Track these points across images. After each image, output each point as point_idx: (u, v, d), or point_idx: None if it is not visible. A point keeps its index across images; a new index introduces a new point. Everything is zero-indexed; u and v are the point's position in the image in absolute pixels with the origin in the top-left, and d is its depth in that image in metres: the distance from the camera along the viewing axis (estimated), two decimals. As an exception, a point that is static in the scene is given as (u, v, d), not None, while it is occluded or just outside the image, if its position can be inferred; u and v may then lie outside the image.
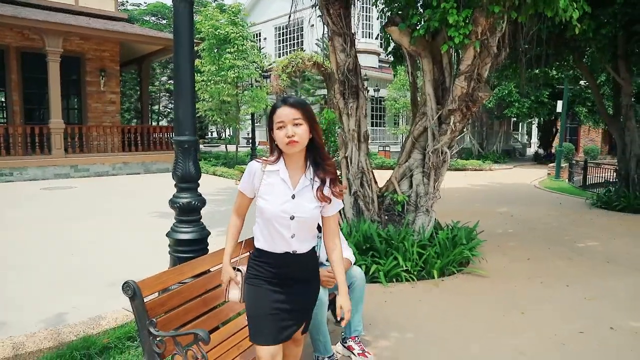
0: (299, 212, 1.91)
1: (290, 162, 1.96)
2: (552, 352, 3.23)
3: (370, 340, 3.35)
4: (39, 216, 7.48)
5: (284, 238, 1.94)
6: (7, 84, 14.24)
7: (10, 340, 2.87)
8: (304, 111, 1.89)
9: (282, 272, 1.99)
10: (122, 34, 14.32)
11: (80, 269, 4.70)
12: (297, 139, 1.86)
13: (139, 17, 33.45)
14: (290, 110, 1.87)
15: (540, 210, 9.38)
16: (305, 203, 1.93)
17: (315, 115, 1.95)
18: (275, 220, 1.92)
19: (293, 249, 1.97)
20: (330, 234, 2.07)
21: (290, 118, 1.86)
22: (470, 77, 4.67)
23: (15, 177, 12.48)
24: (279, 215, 1.91)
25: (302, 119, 1.87)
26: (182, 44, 3.07)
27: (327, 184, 1.96)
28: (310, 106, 1.96)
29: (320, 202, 1.95)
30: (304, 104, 1.92)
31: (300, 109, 1.88)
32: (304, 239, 1.99)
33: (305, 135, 1.88)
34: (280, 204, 1.91)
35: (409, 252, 4.79)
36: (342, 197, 2.04)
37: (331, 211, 2.04)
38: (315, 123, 1.93)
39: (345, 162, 5.41)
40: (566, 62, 10.57)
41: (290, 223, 1.92)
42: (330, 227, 2.07)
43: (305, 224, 1.95)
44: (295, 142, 1.86)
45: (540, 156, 26.51)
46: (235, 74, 14.98)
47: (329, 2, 5.16)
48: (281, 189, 1.93)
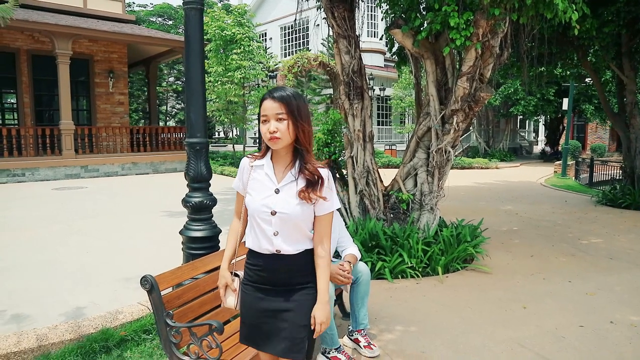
0: (280, 207, 1.79)
1: (276, 157, 1.86)
2: (552, 344, 3.34)
3: (375, 334, 3.47)
4: (53, 215, 7.67)
5: (267, 235, 1.83)
6: (18, 86, 14.51)
7: (34, 332, 3.03)
8: (289, 106, 1.75)
9: (270, 276, 1.87)
10: (130, 36, 14.52)
11: (96, 266, 4.86)
12: (278, 135, 1.74)
13: (145, 18, 33.75)
14: (274, 104, 1.75)
15: (545, 208, 9.45)
16: (289, 198, 1.80)
17: (304, 112, 1.80)
18: (257, 216, 1.83)
19: (277, 249, 1.83)
20: (317, 237, 1.88)
21: (274, 112, 1.75)
22: (472, 78, 4.78)
23: (27, 178, 12.71)
24: (260, 209, 1.82)
25: (285, 114, 1.74)
26: (193, 51, 3.21)
27: (309, 185, 1.82)
28: (300, 101, 1.80)
29: (303, 200, 1.80)
30: (289, 98, 1.76)
31: (284, 103, 1.75)
32: (290, 238, 1.83)
33: (287, 132, 1.75)
34: (262, 198, 1.82)
35: (414, 249, 4.91)
36: (324, 198, 1.83)
37: (320, 211, 1.86)
38: (301, 121, 1.78)
39: (351, 162, 5.53)
40: (570, 60, 10.62)
41: (272, 219, 1.81)
42: (318, 229, 1.87)
43: (289, 220, 1.80)
44: (277, 139, 1.75)
45: (546, 154, 26.47)
46: (242, 75, 15.14)
47: (334, 5, 5.28)
48: (265, 183, 1.84)
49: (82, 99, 16.22)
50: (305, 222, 1.84)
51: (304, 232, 1.86)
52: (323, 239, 1.87)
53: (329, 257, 1.87)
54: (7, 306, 3.58)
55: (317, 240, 1.87)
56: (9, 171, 12.44)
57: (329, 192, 1.85)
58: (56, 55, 12.92)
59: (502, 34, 4.88)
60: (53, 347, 2.99)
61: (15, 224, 6.99)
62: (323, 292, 1.85)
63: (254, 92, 16.13)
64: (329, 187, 1.85)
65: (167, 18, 35.66)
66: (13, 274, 4.54)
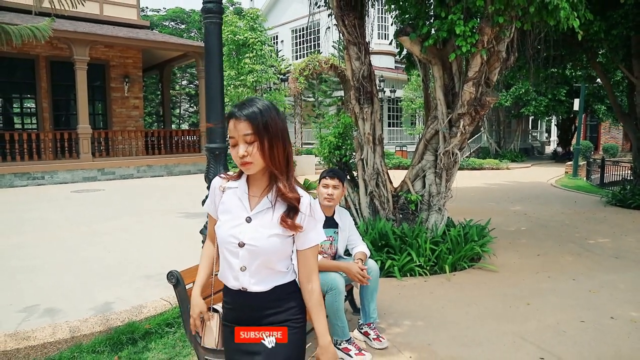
0: (249, 239, 1.54)
1: (252, 179, 1.61)
2: (553, 338, 3.50)
3: (384, 328, 3.66)
4: (74, 217, 7.97)
5: (233, 269, 1.58)
6: (38, 91, 14.93)
7: (67, 324, 3.28)
8: (257, 124, 1.48)
9: (238, 315, 1.64)
10: (145, 42, 14.88)
11: (118, 264, 5.11)
12: (249, 159, 1.49)
13: (158, 22, 34.28)
14: (240, 124, 1.48)
15: (554, 209, 9.55)
16: (262, 229, 1.54)
17: (278, 127, 1.52)
18: (224, 246, 1.59)
19: (243, 286, 1.58)
20: (303, 275, 1.63)
21: (241, 134, 1.49)
22: (478, 83, 4.95)
23: (47, 180, 13.08)
24: (227, 240, 1.57)
25: (253, 135, 1.48)
26: (212, 61, 3.43)
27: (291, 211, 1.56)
28: (271, 115, 1.51)
29: (286, 228, 1.55)
30: (257, 115, 1.48)
31: (251, 122, 1.47)
32: (259, 275, 1.57)
33: (260, 155, 1.49)
34: (231, 227, 1.57)
35: (422, 249, 5.08)
36: (299, 228, 1.57)
37: (302, 244, 1.61)
38: (275, 139, 1.51)
39: (361, 164, 5.73)
40: (580, 61, 10.71)
41: (239, 251, 1.55)
42: (303, 264, 1.63)
43: (259, 254, 1.54)
44: (249, 164, 1.50)
45: (558, 154, 26.41)
46: (254, 78, 15.42)
47: (344, 13, 5.48)
48: (236, 210, 1.59)
49: (98, 103, 16.61)
50: (279, 257, 1.59)
51: (276, 268, 1.60)
52: (311, 276, 1.62)
53: (319, 294, 1.63)
54: (41, 301, 3.84)
55: (303, 279, 1.63)
56: (29, 174, 12.82)
57: (312, 221, 1.59)
58: (74, 61, 13.30)
59: (508, 40, 5.05)
60: (84, 339, 3.23)
61: (40, 224, 7.30)
62: (322, 335, 1.62)
63: (266, 95, 16.40)
64: (313, 216, 1.59)
65: (180, 22, 36.18)
66: (43, 271, 4.81)
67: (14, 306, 3.73)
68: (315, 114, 25.09)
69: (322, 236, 1.64)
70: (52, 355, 3.07)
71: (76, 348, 3.14)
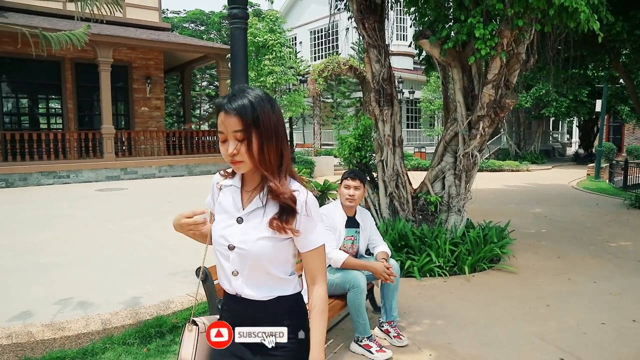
0: (238, 241, 1.42)
1: (247, 176, 1.48)
2: (572, 339, 3.53)
3: (404, 326, 3.73)
4: (100, 215, 8.19)
5: (226, 274, 1.47)
6: (63, 92, 15.32)
7: (99, 317, 3.43)
8: (249, 119, 1.33)
9: (233, 319, 1.50)
10: (167, 44, 15.17)
11: (145, 261, 5.27)
12: (239, 158, 1.36)
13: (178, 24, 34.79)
14: (231, 119, 1.34)
15: (575, 211, 9.47)
16: (252, 230, 1.42)
17: (271, 120, 1.37)
18: (217, 248, 1.49)
19: (236, 291, 1.46)
20: (308, 275, 1.49)
21: (230, 130, 1.35)
22: (497, 85, 4.98)
23: (72, 179, 13.42)
24: (218, 241, 1.47)
25: (245, 131, 1.33)
26: (238, 65, 3.55)
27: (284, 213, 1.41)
28: (264, 107, 1.36)
29: (276, 231, 1.40)
30: (248, 108, 1.33)
31: (242, 116, 1.33)
32: (253, 280, 1.45)
33: (251, 153, 1.35)
34: (222, 227, 1.47)
35: (442, 249, 5.13)
36: (296, 232, 1.42)
37: (303, 246, 1.46)
38: (267, 136, 1.36)
39: (381, 165, 5.79)
40: (602, 62, 10.58)
41: (229, 254, 1.44)
42: (307, 267, 1.48)
43: (250, 258, 1.42)
44: (239, 162, 1.38)
45: (580, 156, 26.02)
46: (274, 80, 15.58)
47: (365, 16, 5.56)
48: (229, 209, 1.48)
49: (120, 104, 16.96)
50: (272, 262, 1.44)
51: (273, 274, 1.45)
52: (315, 278, 1.48)
53: (324, 301, 1.47)
54: (73, 294, 4.00)
55: (308, 280, 1.50)
56: (55, 173, 13.17)
57: (310, 222, 1.44)
58: (98, 63, 13.62)
59: (528, 42, 5.06)
60: (115, 331, 3.37)
61: (68, 222, 7.53)
62: (315, 347, 1.44)
63: (285, 97, 16.55)
64: (310, 215, 1.43)
65: (200, 24, 36.66)
66: (73, 266, 4.99)
67: (48, 299, 3.90)
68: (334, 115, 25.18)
69: (322, 237, 1.47)
70: (85, 346, 3.21)
71: (108, 339, 3.28)
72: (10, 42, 13.61)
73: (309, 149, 22.13)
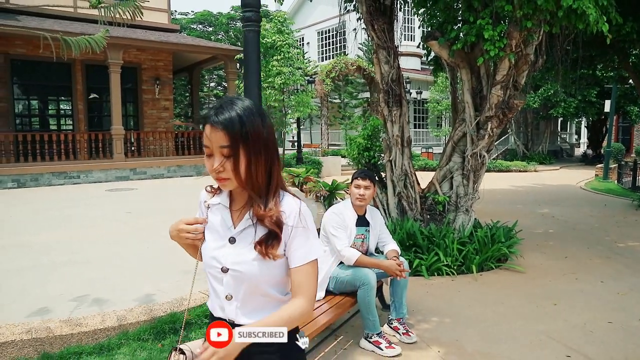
0: (232, 263, 1.32)
1: (235, 193, 1.39)
2: (579, 337, 3.57)
3: (413, 324, 3.79)
4: (111, 214, 8.31)
5: (219, 298, 1.37)
6: (73, 94, 15.50)
7: (115, 313, 3.51)
8: (235, 136, 1.23)
9: None
10: (177, 45, 15.31)
11: (157, 259, 5.36)
12: (225, 175, 1.27)
13: (186, 25, 35.00)
14: (217, 133, 1.24)
15: (583, 212, 9.46)
16: (245, 251, 1.32)
17: (261, 135, 1.27)
18: (208, 271, 1.39)
19: (230, 317, 1.36)
20: (294, 289, 1.35)
21: (217, 145, 1.25)
22: (506, 86, 5.02)
23: (82, 180, 13.58)
24: (210, 264, 1.37)
25: (229, 147, 1.23)
26: (251, 68, 3.62)
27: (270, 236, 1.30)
28: (253, 120, 1.25)
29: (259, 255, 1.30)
30: (236, 122, 1.23)
31: (229, 132, 1.23)
32: (249, 305, 1.34)
33: (235, 173, 1.26)
34: (214, 248, 1.36)
35: (450, 249, 5.18)
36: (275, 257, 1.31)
37: (293, 261, 1.33)
38: (256, 153, 1.26)
39: (390, 165, 5.85)
40: (611, 62, 10.57)
41: (223, 277, 1.34)
42: (294, 281, 1.35)
43: (246, 281, 1.32)
44: (225, 180, 1.28)
45: (588, 157, 25.89)
46: (282, 80, 15.65)
47: (374, 18, 5.62)
48: (219, 229, 1.38)
49: (129, 105, 17.12)
50: (269, 282, 1.34)
51: (270, 295, 1.36)
52: (298, 293, 1.32)
53: (300, 312, 1.31)
54: (89, 292, 4.09)
55: (294, 293, 1.35)
56: (66, 173, 13.33)
57: (302, 233, 1.33)
58: (108, 64, 13.77)
59: (536, 43, 5.10)
60: (130, 327, 3.45)
61: (81, 222, 7.65)
62: (260, 323, 1.29)
63: (293, 97, 16.62)
64: (306, 225, 1.33)
65: (208, 25, 36.85)
66: (89, 265, 5.09)
67: (64, 296, 3.99)
68: (341, 116, 25.24)
69: (315, 251, 1.35)
70: (102, 341, 3.30)
71: (123, 335, 3.36)
72: (22, 45, 13.84)
73: (317, 149, 22.21)
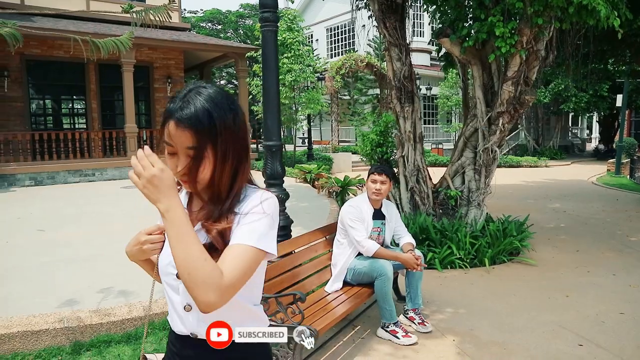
0: None
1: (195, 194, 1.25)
2: (591, 327, 3.65)
3: (428, 314, 3.89)
4: (128, 211, 8.48)
5: (176, 310, 1.22)
6: (87, 93, 15.74)
7: (141, 304, 3.66)
8: (203, 134, 1.08)
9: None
10: (189, 44, 15.49)
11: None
12: (187, 178, 1.13)
13: (196, 23, 35.18)
14: (182, 132, 1.09)
15: (594, 206, 9.48)
16: None
17: (230, 131, 1.12)
18: (164, 279, 1.25)
19: (191, 331, 1.20)
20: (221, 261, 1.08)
21: (183, 147, 1.10)
22: (517, 82, 5.09)
23: (97, 177, 13.82)
24: (165, 270, 1.23)
25: (198, 148, 1.09)
26: (269, 67, 3.74)
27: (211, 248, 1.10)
28: (221, 114, 1.10)
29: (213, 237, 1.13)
30: (202, 118, 1.08)
31: (195, 131, 1.08)
32: (212, 315, 1.09)
33: (203, 172, 1.12)
34: (168, 254, 1.14)
35: (462, 242, 5.27)
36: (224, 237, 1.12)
37: (233, 238, 1.11)
38: (223, 154, 1.11)
39: (402, 161, 5.95)
40: (622, 57, 10.54)
41: (179, 285, 1.18)
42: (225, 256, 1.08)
43: None
44: (187, 182, 1.15)
45: (600, 152, 25.73)
46: (293, 78, 15.76)
47: (386, 16, 5.71)
48: None
49: (141, 104, 17.33)
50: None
51: (238, 303, 1.16)
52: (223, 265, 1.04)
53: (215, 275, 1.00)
54: (114, 284, 4.24)
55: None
56: (81, 171, 13.58)
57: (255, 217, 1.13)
58: (121, 64, 13.97)
59: (547, 39, 5.16)
60: (156, 317, 3.60)
61: (99, 218, 7.84)
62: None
63: (304, 94, 16.72)
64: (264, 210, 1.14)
65: (217, 23, 37.01)
66: (111, 260, 5.23)
67: (92, 288, 4.15)
68: (351, 112, 25.30)
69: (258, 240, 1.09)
70: (129, 331, 3.45)
71: (149, 324, 3.51)
72: (37, 45, 14.08)
73: (327, 145, 22.31)
